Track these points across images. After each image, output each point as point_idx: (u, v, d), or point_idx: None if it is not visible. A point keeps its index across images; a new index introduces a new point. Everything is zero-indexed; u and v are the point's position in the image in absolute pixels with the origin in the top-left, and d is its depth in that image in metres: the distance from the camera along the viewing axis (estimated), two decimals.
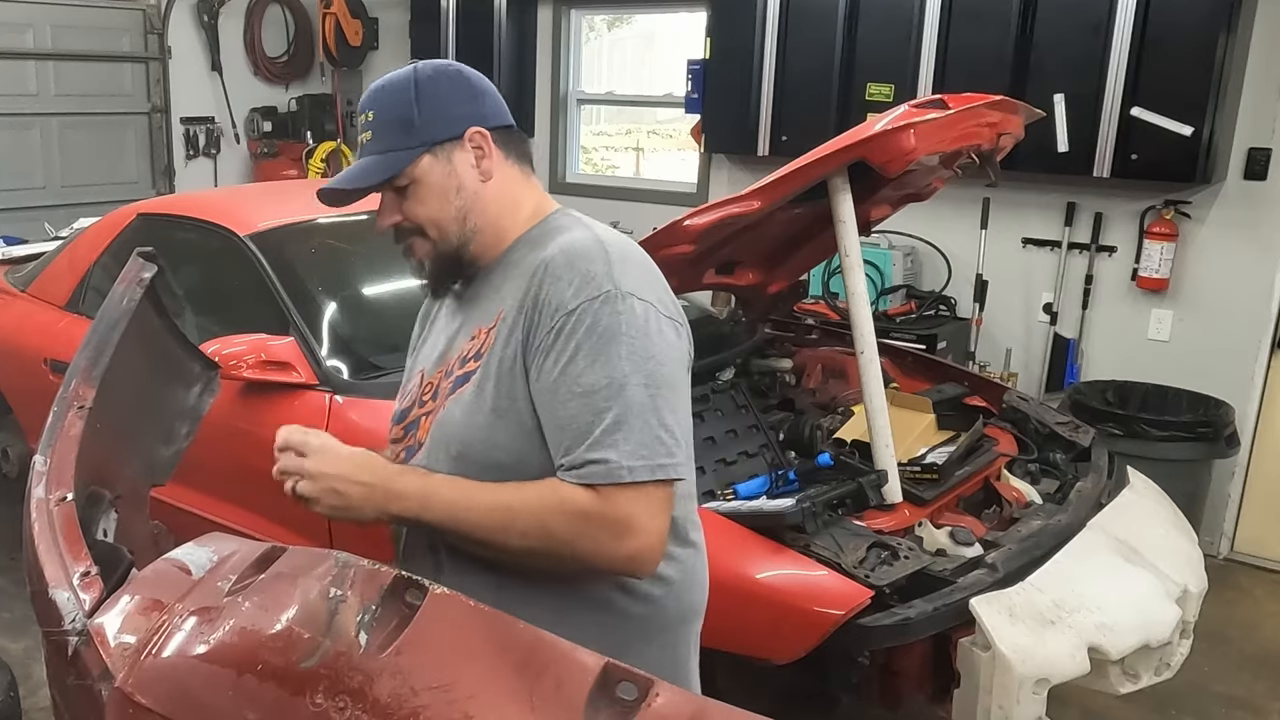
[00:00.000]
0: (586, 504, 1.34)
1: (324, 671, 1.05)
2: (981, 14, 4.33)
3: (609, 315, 1.36)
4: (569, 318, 1.36)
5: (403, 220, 1.50)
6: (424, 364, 1.61)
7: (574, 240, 1.44)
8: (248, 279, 3.18)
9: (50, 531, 1.36)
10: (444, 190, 1.48)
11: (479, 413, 1.42)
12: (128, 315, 1.80)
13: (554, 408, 1.37)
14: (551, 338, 1.37)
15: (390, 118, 1.48)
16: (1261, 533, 4.36)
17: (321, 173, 6.52)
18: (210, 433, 2.13)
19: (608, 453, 1.33)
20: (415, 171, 1.47)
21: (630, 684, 1.01)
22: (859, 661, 2.28)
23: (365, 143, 1.50)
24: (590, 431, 1.34)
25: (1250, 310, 4.24)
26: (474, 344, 1.49)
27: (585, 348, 1.35)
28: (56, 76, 5.83)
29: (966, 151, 2.83)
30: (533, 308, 1.40)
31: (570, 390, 1.35)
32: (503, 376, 1.42)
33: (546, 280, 1.39)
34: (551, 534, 1.36)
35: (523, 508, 1.36)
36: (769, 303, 3.55)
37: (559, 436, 1.37)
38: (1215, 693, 3.40)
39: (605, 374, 1.34)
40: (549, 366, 1.37)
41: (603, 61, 6.45)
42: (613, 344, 1.35)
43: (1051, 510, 2.72)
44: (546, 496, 1.36)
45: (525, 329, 1.40)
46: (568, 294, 1.37)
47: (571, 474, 1.35)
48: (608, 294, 1.37)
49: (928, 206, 3.63)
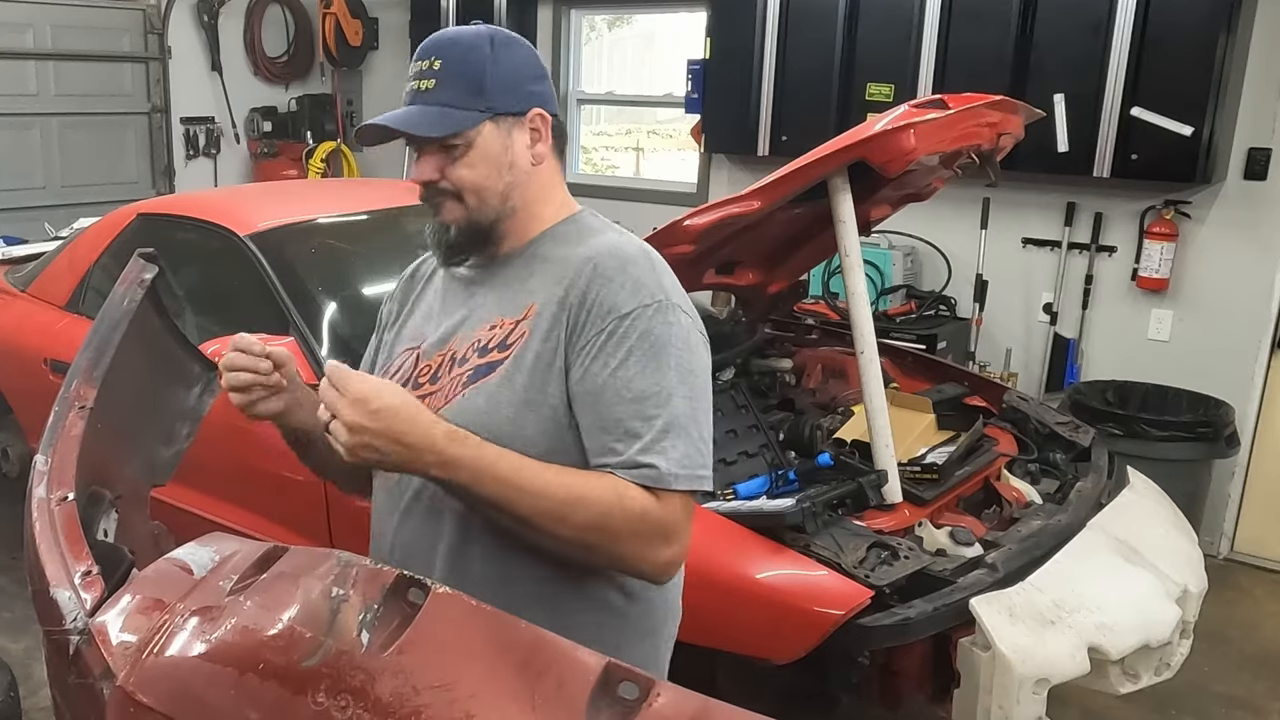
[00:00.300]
0: (646, 505, 1.35)
1: (325, 670, 1.05)
2: (981, 14, 4.34)
3: (661, 325, 1.38)
4: (621, 321, 1.37)
5: (441, 180, 1.44)
6: (413, 343, 1.57)
7: (620, 244, 1.45)
8: (248, 279, 3.18)
9: (51, 531, 1.37)
10: (497, 162, 1.45)
11: (507, 404, 1.40)
12: (128, 316, 1.80)
13: (600, 408, 1.37)
14: (602, 339, 1.37)
15: (460, 72, 1.42)
16: (1261, 533, 4.36)
17: (321, 173, 6.52)
18: (210, 433, 2.13)
19: (656, 459, 1.35)
20: (473, 135, 1.43)
21: (632, 684, 1.01)
22: (859, 661, 2.28)
23: (425, 89, 1.43)
24: (639, 436, 1.35)
25: (1250, 310, 4.24)
26: (495, 333, 1.45)
27: (637, 353, 1.36)
28: (56, 76, 5.83)
29: (966, 151, 2.83)
30: (579, 306, 1.39)
31: (619, 394, 1.36)
32: (538, 371, 1.40)
33: (596, 281, 1.39)
34: (607, 528, 1.34)
35: (588, 496, 1.33)
36: (769, 303, 3.56)
37: (602, 437, 1.37)
38: (1215, 693, 3.40)
39: (655, 382, 1.36)
40: (597, 368, 1.37)
41: (603, 61, 6.45)
42: (663, 353, 1.37)
43: (1051, 510, 2.72)
44: (610, 490, 1.34)
45: (569, 327, 1.39)
46: (620, 297, 1.38)
47: (622, 473, 1.35)
48: (660, 303, 1.39)
49: (928, 206, 3.63)
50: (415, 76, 1.45)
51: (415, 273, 1.68)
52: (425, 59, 1.44)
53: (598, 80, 6.31)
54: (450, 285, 1.57)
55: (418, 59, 1.45)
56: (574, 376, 1.39)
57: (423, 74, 1.44)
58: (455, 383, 1.46)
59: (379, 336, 1.69)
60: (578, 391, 1.38)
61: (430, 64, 1.43)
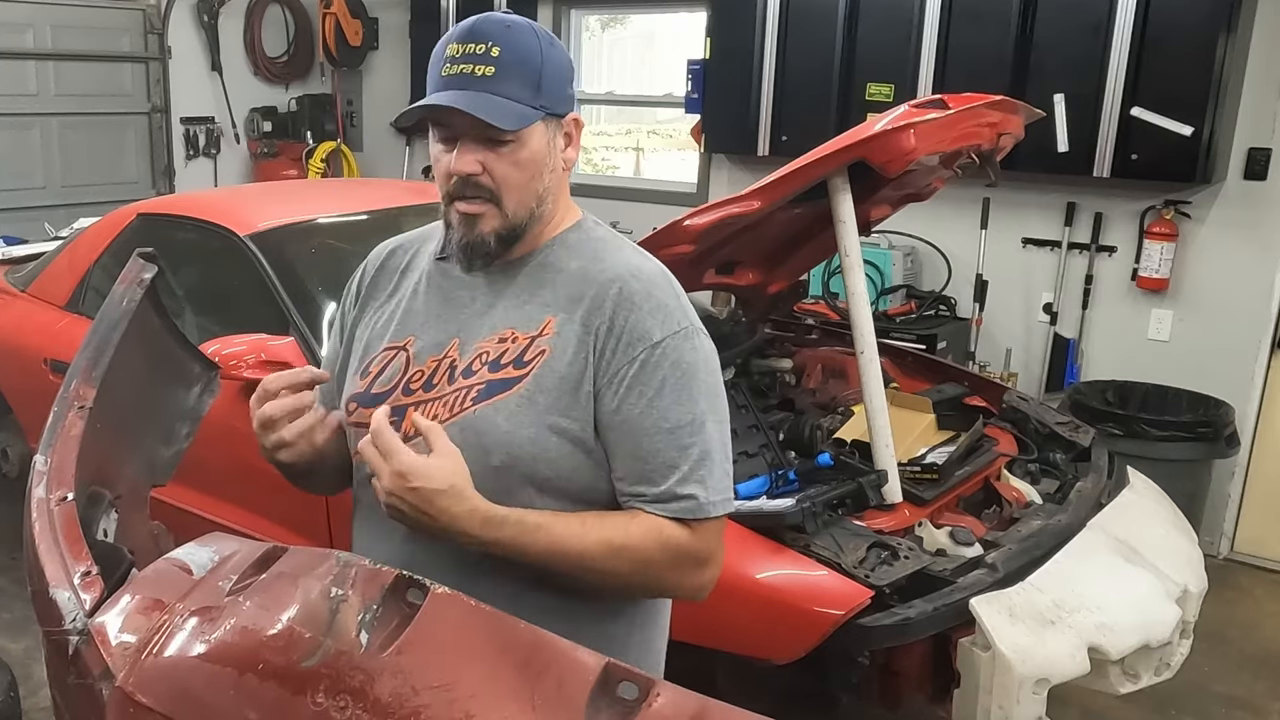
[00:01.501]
0: (684, 540, 1.38)
1: (325, 671, 1.05)
2: (981, 14, 4.33)
3: (689, 352, 1.39)
4: (653, 350, 1.37)
5: (483, 175, 1.36)
6: (396, 343, 1.49)
7: (641, 266, 1.44)
8: (248, 279, 3.18)
9: (51, 531, 1.36)
10: (540, 164, 1.39)
11: (529, 424, 1.37)
12: (128, 316, 1.80)
13: (637, 439, 1.37)
14: (635, 369, 1.37)
15: (520, 63, 1.35)
16: (1261, 533, 4.36)
17: (321, 173, 6.52)
18: (210, 433, 2.13)
19: (695, 489, 1.37)
20: (527, 133, 1.36)
21: (631, 684, 1.01)
22: (859, 661, 2.28)
23: (484, 75, 1.33)
24: (676, 466, 1.37)
25: (1250, 310, 4.24)
26: (508, 347, 1.40)
27: (670, 382, 1.37)
28: (56, 76, 5.83)
29: (966, 151, 2.83)
30: (607, 333, 1.37)
31: (657, 425, 1.36)
32: (562, 394, 1.37)
33: (624, 307, 1.38)
34: (650, 571, 1.38)
35: (629, 545, 1.36)
36: (769, 303, 3.56)
37: (638, 467, 1.38)
38: (1215, 693, 3.40)
39: (689, 411, 1.38)
40: (633, 399, 1.37)
41: (602, 61, 6.45)
42: (693, 381, 1.38)
43: (1051, 510, 2.72)
44: (651, 534, 1.36)
45: (596, 352, 1.37)
46: (649, 325, 1.37)
47: (659, 507, 1.37)
48: (685, 330, 1.40)
49: (928, 206, 3.63)
50: (467, 59, 1.34)
51: (384, 266, 1.58)
52: (478, 42, 1.34)
53: (597, 80, 6.32)
54: (442, 284, 1.50)
55: (467, 40, 1.35)
56: (606, 405, 1.37)
57: (477, 58, 1.34)
58: (461, 395, 1.40)
59: (342, 342, 1.60)
60: (612, 421, 1.37)
61: (487, 49, 1.34)
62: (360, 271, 1.61)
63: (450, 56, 1.36)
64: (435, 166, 1.41)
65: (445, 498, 1.28)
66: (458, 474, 1.30)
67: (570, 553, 1.34)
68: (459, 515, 1.29)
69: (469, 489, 1.30)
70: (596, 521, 1.37)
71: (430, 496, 1.28)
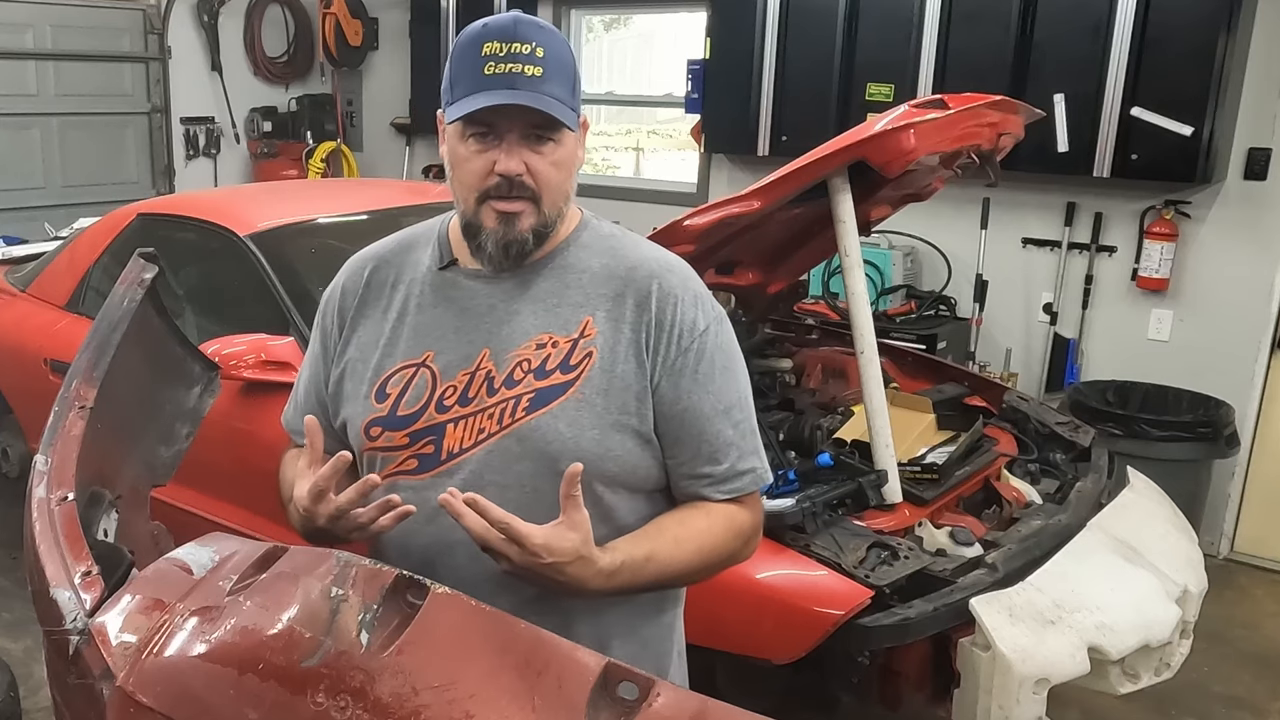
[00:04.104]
0: (748, 521, 1.48)
1: (325, 671, 1.05)
2: (981, 14, 4.33)
3: (726, 334, 1.48)
4: (703, 338, 1.43)
5: (526, 174, 1.35)
6: (411, 359, 1.44)
7: (665, 258, 1.49)
8: (248, 279, 3.18)
9: (51, 531, 1.37)
10: (573, 164, 1.41)
11: (591, 426, 1.38)
12: (128, 316, 1.80)
13: (700, 425, 1.43)
14: (690, 358, 1.42)
15: (562, 64, 1.35)
16: (1261, 533, 4.36)
17: (321, 173, 6.52)
18: (210, 433, 2.13)
19: (753, 460, 1.47)
20: (564, 134, 1.37)
21: (631, 684, 1.01)
22: (859, 661, 2.28)
23: (533, 76, 1.31)
24: (735, 444, 1.45)
25: (1250, 310, 4.24)
26: (550, 352, 1.40)
27: (719, 366, 1.44)
28: (56, 76, 5.83)
29: (966, 151, 2.83)
30: (656, 328, 1.41)
31: (714, 408, 1.43)
32: (619, 392, 1.39)
33: (667, 301, 1.43)
34: (728, 558, 1.48)
35: (715, 547, 1.44)
36: (769, 303, 3.55)
37: (704, 450, 1.44)
38: (1215, 693, 3.40)
39: (736, 390, 1.47)
40: (691, 387, 1.42)
41: (602, 61, 6.45)
42: (735, 361, 1.48)
43: (1051, 510, 2.72)
44: (728, 527, 1.45)
45: (649, 348, 1.41)
46: (694, 315, 1.44)
47: (722, 488, 1.45)
48: (720, 315, 1.48)
49: (928, 206, 3.63)
50: (513, 59, 1.31)
51: (369, 282, 1.52)
52: (523, 42, 1.32)
53: (597, 80, 6.32)
54: (453, 295, 1.45)
55: (508, 39, 1.32)
56: (666, 397, 1.41)
57: (524, 58, 1.32)
58: (510, 406, 1.38)
59: (326, 364, 1.54)
60: (673, 412, 1.42)
61: (532, 49, 1.32)
62: (339, 290, 1.55)
63: (491, 54, 1.32)
64: (463, 165, 1.37)
65: (576, 567, 1.30)
66: (586, 542, 1.30)
67: (673, 571, 1.42)
68: (588, 579, 1.32)
69: (594, 551, 1.31)
70: (684, 530, 1.43)
71: (562, 568, 1.29)
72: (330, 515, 1.33)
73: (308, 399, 1.58)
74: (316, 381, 1.56)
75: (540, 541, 1.26)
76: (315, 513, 1.33)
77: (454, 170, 1.40)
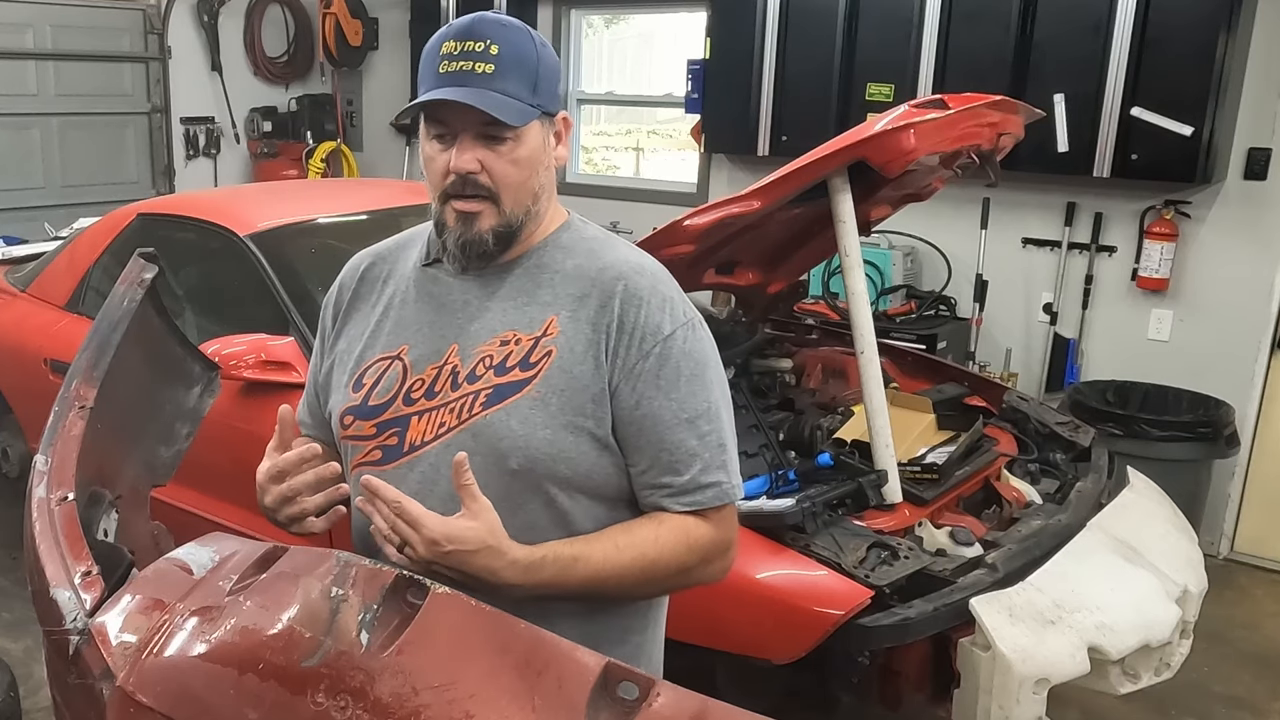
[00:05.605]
0: (708, 535, 1.41)
1: (325, 671, 1.05)
2: (981, 14, 4.33)
3: (695, 342, 1.42)
4: (666, 343, 1.39)
5: (481, 173, 1.36)
6: (388, 352, 1.46)
7: (638, 261, 1.45)
8: (248, 279, 3.18)
9: (51, 531, 1.37)
10: (536, 162, 1.39)
11: (543, 426, 1.36)
12: (128, 316, 1.80)
13: (660, 432, 1.39)
14: (650, 362, 1.38)
15: (518, 61, 1.35)
16: (1261, 533, 4.36)
17: (321, 173, 6.52)
18: (210, 433, 2.13)
19: (719, 475, 1.41)
20: (525, 131, 1.36)
21: (631, 684, 1.01)
22: (859, 661, 2.28)
23: (484, 72, 1.32)
24: (699, 455, 1.39)
25: (1250, 310, 4.24)
26: (511, 350, 1.39)
27: (685, 373, 1.39)
28: (56, 76, 5.83)
29: (966, 151, 2.83)
30: (617, 330, 1.38)
31: (676, 416, 1.39)
32: (575, 393, 1.37)
33: (630, 303, 1.39)
34: (682, 572, 1.42)
35: (662, 557, 1.38)
36: (769, 303, 3.55)
37: (663, 458, 1.39)
38: (1215, 693, 3.40)
39: (704, 400, 1.41)
40: (652, 393, 1.38)
41: (602, 61, 6.45)
42: (705, 370, 1.42)
43: (1051, 510, 2.72)
44: (679, 539, 1.39)
45: (608, 350, 1.38)
46: (659, 319, 1.39)
47: (683, 499, 1.40)
48: (691, 321, 1.42)
49: (928, 206, 3.63)
50: (465, 56, 1.33)
51: (364, 278, 1.56)
52: (476, 39, 1.34)
53: (598, 80, 6.31)
54: (432, 291, 1.47)
55: (464, 37, 1.34)
56: (625, 402, 1.38)
57: (476, 55, 1.33)
58: (468, 401, 1.39)
59: (322, 357, 1.57)
60: (633, 417, 1.38)
61: (486, 46, 1.33)
62: (337, 287, 1.59)
63: (447, 53, 1.35)
64: (429, 165, 1.39)
65: (482, 556, 1.28)
66: (492, 531, 1.28)
67: (610, 578, 1.36)
68: (499, 569, 1.29)
69: (505, 542, 1.29)
70: (626, 538, 1.38)
71: (467, 558, 1.27)
72: (280, 496, 1.36)
73: (309, 392, 1.62)
74: (314, 374, 1.60)
75: (439, 529, 1.26)
76: (267, 489, 1.37)
77: (424, 170, 1.43)
